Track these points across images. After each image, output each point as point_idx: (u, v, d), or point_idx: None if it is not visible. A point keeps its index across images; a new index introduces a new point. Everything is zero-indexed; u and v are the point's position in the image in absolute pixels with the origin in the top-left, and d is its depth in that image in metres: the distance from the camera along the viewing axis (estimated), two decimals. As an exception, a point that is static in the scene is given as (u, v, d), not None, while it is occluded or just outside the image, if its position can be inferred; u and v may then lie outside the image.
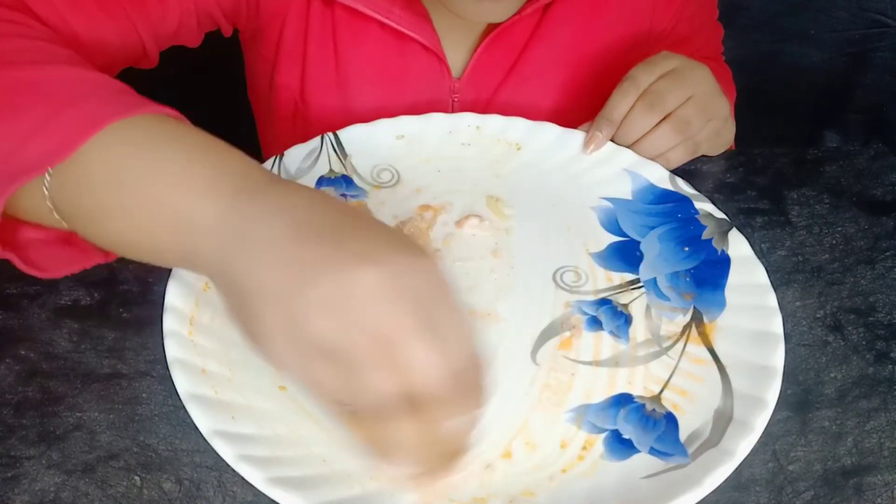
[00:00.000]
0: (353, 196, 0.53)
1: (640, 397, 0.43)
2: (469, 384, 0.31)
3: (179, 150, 0.34)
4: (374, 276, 0.29)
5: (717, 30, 0.73)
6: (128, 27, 0.52)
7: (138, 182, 0.33)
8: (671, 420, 0.42)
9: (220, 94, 0.77)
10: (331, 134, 0.55)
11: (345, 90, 0.64)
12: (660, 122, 0.55)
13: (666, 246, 0.51)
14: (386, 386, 0.29)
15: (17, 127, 0.34)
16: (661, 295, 0.48)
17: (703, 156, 0.59)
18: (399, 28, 0.61)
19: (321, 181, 0.53)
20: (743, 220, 0.55)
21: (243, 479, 0.36)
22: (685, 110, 0.55)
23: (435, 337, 0.30)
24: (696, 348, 0.46)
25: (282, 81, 0.66)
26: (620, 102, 0.55)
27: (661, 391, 0.44)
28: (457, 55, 0.65)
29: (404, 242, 0.31)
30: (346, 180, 0.54)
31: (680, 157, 0.56)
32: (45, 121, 0.34)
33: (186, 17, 0.57)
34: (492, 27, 0.63)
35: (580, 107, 0.59)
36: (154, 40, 0.55)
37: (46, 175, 0.34)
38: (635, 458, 0.40)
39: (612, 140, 0.56)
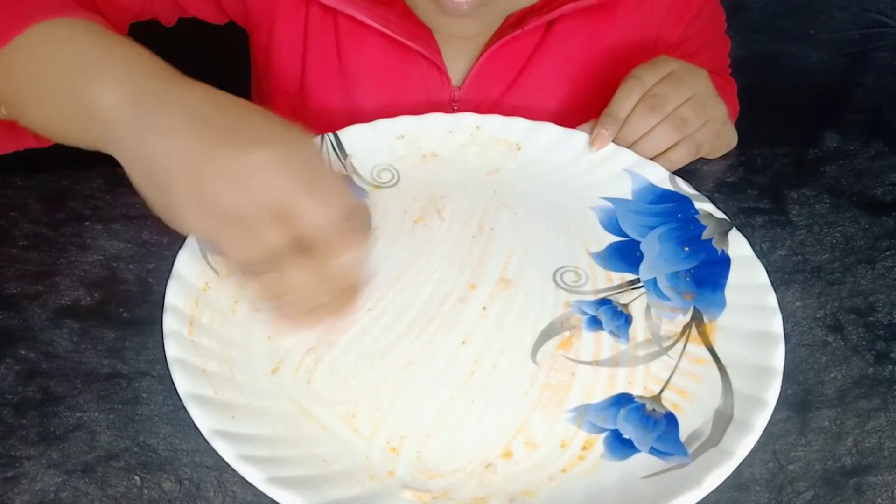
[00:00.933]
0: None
1: (641, 397, 0.43)
2: (351, 229, 0.37)
3: (93, 45, 0.40)
4: (264, 153, 0.35)
5: (724, 44, 0.73)
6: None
7: (55, 72, 0.39)
8: (671, 420, 0.42)
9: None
10: (331, 134, 0.55)
11: (347, 93, 0.64)
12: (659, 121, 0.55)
13: (666, 246, 0.51)
14: (277, 237, 0.35)
15: None
16: (661, 295, 0.48)
17: (703, 157, 0.59)
18: (397, 38, 0.61)
19: (321, 181, 0.53)
20: (743, 219, 0.55)
21: (243, 479, 0.36)
22: (683, 110, 0.55)
23: (317, 193, 0.36)
24: (696, 348, 0.46)
25: (279, 74, 0.66)
26: (625, 101, 0.55)
27: (662, 391, 0.44)
28: (458, 64, 0.65)
29: (286, 127, 0.38)
30: (346, 180, 0.54)
31: (681, 157, 0.56)
32: None
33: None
34: (494, 39, 0.63)
35: (580, 120, 0.59)
36: (114, 15, 0.55)
37: None
38: (635, 457, 0.40)
39: (612, 141, 0.56)
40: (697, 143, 0.56)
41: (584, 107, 0.58)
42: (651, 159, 0.55)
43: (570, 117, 0.59)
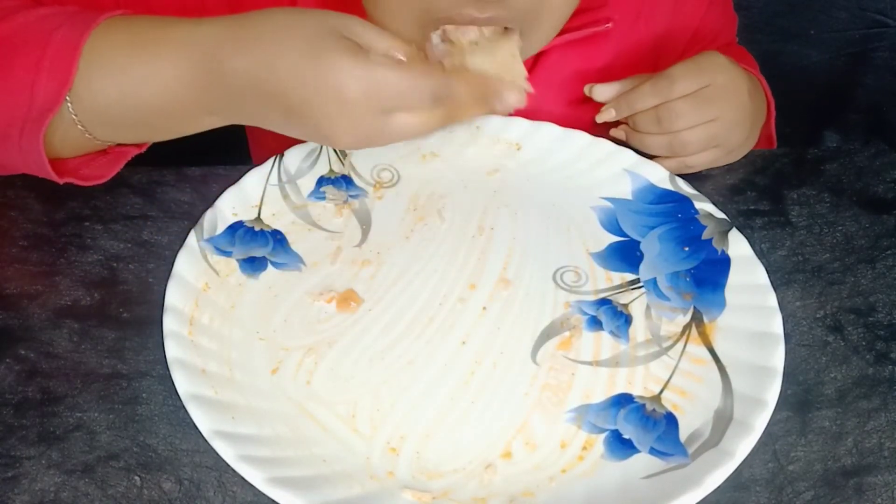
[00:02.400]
0: (353, 196, 0.53)
1: (641, 397, 0.43)
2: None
3: (153, 41, 0.42)
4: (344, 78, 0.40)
5: (733, 20, 0.73)
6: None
7: (137, 80, 0.42)
8: (671, 420, 0.42)
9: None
10: (331, 134, 0.55)
11: None
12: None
13: (666, 246, 0.51)
14: (403, 119, 0.42)
15: (18, 80, 0.41)
16: (661, 295, 0.48)
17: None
18: None
19: (321, 181, 0.53)
20: (743, 220, 0.55)
21: (243, 479, 0.36)
22: (691, 134, 0.54)
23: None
24: (696, 348, 0.46)
25: None
26: (649, 98, 0.54)
27: (662, 391, 0.44)
28: None
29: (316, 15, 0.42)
30: (346, 180, 0.54)
31: (655, 146, 0.56)
32: (36, 66, 0.41)
33: None
34: None
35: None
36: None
37: (71, 112, 0.42)
38: (635, 458, 0.40)
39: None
40: (687, 166, 0.56)
41: (579, 125, 0.58)
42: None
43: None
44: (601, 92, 0.58)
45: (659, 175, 0.55)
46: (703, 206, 0.53)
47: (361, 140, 0.42)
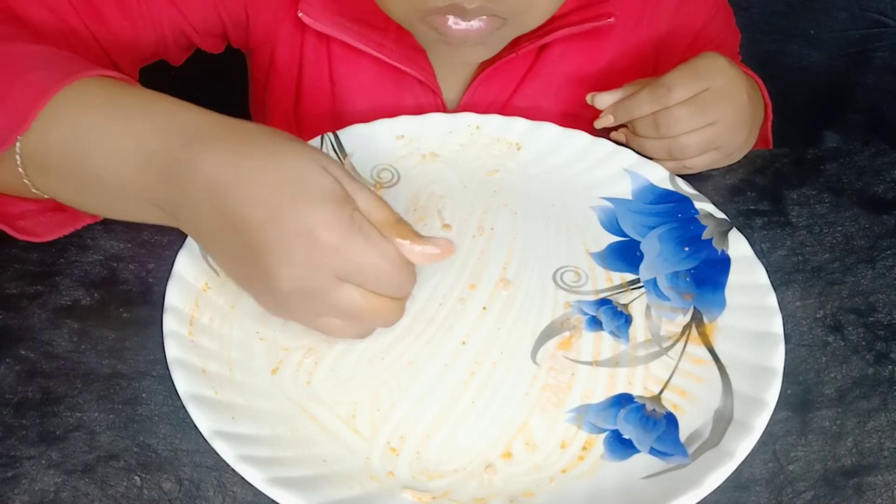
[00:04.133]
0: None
1: (641, 397, 0.43)
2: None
3: (128, 108, 0.38)
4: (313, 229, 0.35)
5: (736, 34, 0.73)
6: (90, 41, 0.52)
7: (94, 145, 0.38)
8: (671, 420, 0.42)
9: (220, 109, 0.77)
10: (331, 134, 0.55)
11: (339, 121, 0.64)
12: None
13: (666, 246, 0.51)
14: (351, 294, 0.38)
15: None
16: (661, 295, 0.48)
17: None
18: (392, 62, 0.61)
19: (321, 181, 0.53)
20: (743, 220, 0.55)
21: (243, 479, 0.36)
22: (689, 138, 0.54)
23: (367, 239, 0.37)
24: (696, 348, 0.46)
25: (275, 101, 0.66)
26: (646, 105, 0.54)
27: (662, 391, 0.44)
28: (452, 88, 0.65)
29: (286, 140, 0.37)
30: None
31: (653, 150, 0.56)
32: (7, 90, 0.38)
33: (162, 37, 0.57)
34: (488, 62, 0.63)
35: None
36: (127, 57, 0.55)
37: (16, 152, 0.38)
38: (635, 458, 0.40)
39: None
40: (686, 168, 0.56)
41: (580, 123, 0.58)
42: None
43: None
44: (602, 100, 0.57)
45: (659, 175, 0.55)
46: (703, 206, 0.53)
47: (297, 294, 0.37)
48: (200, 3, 0.58)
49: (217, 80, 0.75)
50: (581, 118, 0.59)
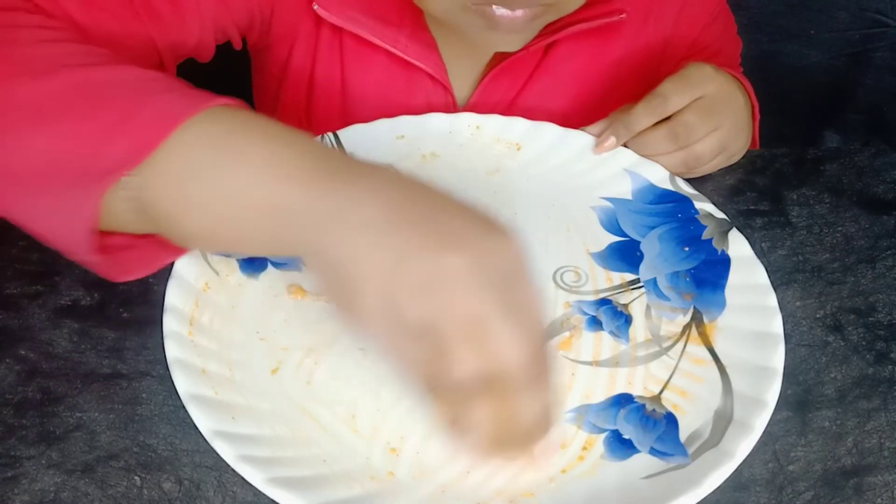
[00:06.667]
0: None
1: (641, 397, 0.43)
2: (542, 367, 0.33)
3: (257, 139, 0.35)
4: (462, 261, 0.31)
5: (737, 44, 0.73)
6: (146, 40, 0.52)
7: (220, 174, 0.34)
8: (671, 420, 0.42)
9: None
10: (331, 134, 0.55)
11: (349, 115, 0.64)
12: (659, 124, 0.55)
13: (666, 246, 0.51)
14: (470, 364, 0.31)
15: (94, 128, 0.35)
16: (661, 295, 0.48)
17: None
18: (405, 58, 0.61)
19: (321, 181, 0.53)
20: (743, 220, 0.55)
21: (243, 479, 0.36)
22: (702, 145, 0.54)
23: (516, 319, 0.32)
24: (696, 348, 0.46)
25: (288, 100, 0.66)
26: (644, 117, 0.54)
27: (661, 391, 0.44)
28: (462, 84, 0.65)
29: (488, 224, 0.33)
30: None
31: (671, 165, 0.56)
32: (122, 120, 0.34)
33: (205, 32, 0.56)
34: (498, 59, 0.63)
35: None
36: (172, 54, 0.54)
37: (127, 177, 0.34)
38: (635, 458, 0.40)
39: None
40: (694, 173, 0.56)
41: (588, 120, 0.58)
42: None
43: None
44: (591, 128, 0.57)
45: (659, 175, 0.55)
46: (703, 206, 0.53)
47: (378, 318, 0.32)
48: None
49: (217, 81, 0.75)
50: (589, 115, 0.59)
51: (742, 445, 0.39)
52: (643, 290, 0.49)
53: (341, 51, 0.62)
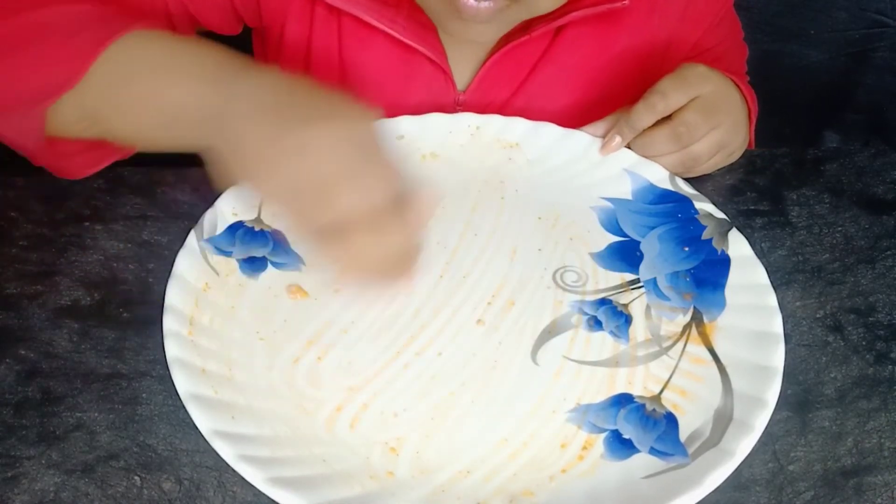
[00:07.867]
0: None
1: (641, 397, 0.43)
2: (403, 206, 0.39)
3: (165, 52, 0.43)
4: (329, 130, 0.38)
5: (743, 50, 0.73)
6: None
7: (139, 80, 0.43)
8: (671, 420, 0.42)
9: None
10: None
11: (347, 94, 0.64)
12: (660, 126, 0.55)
13: (666, 246, 0.51)
14: (343, 206, 0.37)
15: (38, 57, 0.43)
16: (661, 295, 0.48)
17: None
18: (403, 40, 0.60)
19: (321, 181, 0.53)
20: (743, 220, 0.55)
21: (243, 479, 0.36)
22: (701, 145, 0.54)
23: (375, 169, 0.39)
24: (696, 348, 0.46)
25: None
26: (646, 115, 0.54)
27: (662, 391, 0.44)
28: (464, 68, 0.64)
29: (350, 105, 0.40)
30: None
31: (669, 165, 0.56)
32: (59, 48, 0.43)
33: (225, 13, 0.60)
34: (501, 43, 0.63)
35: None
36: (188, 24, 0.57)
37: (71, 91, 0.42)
38: (635, 458, 0.40)
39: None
40: (691, 173, 0.56)
41: (590, 113, 0.58)
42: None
43: (575, 124, 0.58)
44: (593, 129, 0.57)
45: (659, 175, 0.55)
46: (703, 206, 0.53)
47: (272, 175, 0.39)
48: None
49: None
50: (591, 108, 0.59)
51: (742, 445, 0.39)
52: (643, 289, 0.49)
53: (339, 32, 0.62)
